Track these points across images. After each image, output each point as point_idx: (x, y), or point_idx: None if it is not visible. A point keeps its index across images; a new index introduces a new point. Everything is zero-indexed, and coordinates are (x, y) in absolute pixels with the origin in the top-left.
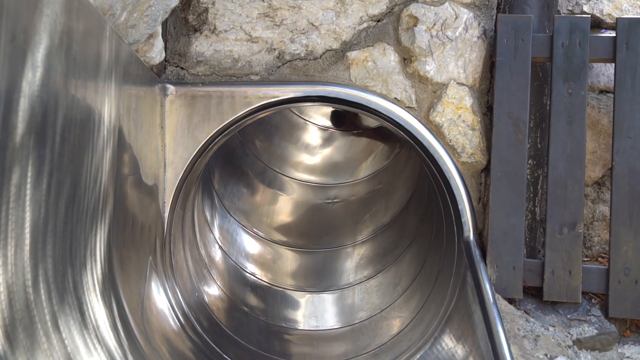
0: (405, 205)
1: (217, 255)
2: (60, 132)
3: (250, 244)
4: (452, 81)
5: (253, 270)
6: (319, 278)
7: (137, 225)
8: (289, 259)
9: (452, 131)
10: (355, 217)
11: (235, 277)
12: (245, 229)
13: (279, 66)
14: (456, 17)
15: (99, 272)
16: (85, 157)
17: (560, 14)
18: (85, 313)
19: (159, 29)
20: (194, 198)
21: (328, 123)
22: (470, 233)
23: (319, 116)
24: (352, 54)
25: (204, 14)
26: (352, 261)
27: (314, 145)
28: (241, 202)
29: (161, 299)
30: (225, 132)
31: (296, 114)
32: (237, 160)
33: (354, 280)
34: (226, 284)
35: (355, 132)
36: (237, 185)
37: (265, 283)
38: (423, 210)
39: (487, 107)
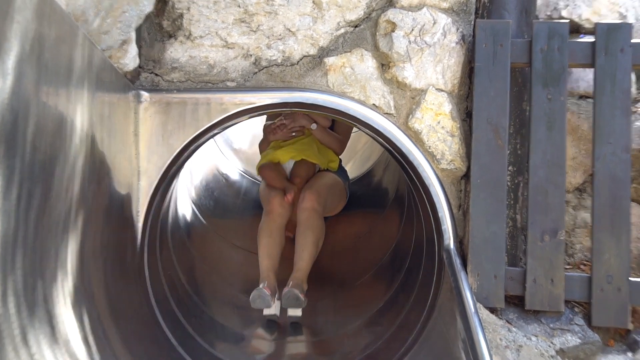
0: (384, 214)
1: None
2: (31, 141)
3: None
4: (431, 87)
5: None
6: None
7: (110, 236)
8: None
9: (432, 137)
10: (334, 226)
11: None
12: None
13: (256, 72)
14: (434, 23)
15: (70, 284)
16: (57, 166)
17: (538, 19)
18: (55, 327)
19: (133, 35)
20: (168, 206)
21: None
22: (450, 241)
23: None
24: (330, 60)
25: (179, 20)
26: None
27: None
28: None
29: (134, 310)
30: (201, 140)
31: None
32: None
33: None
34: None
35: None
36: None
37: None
38: (402, 216)
39: (466, 113)
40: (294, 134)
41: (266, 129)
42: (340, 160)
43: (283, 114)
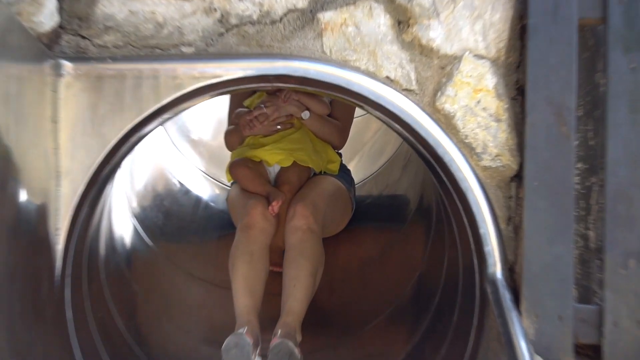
0: (405, 230)
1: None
2: None
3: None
4: (468, 52)
5: None
6: None
7: (18, 263)
8: None
9: (469, 123)
10: (334, 248)
11: None
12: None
13: (222, 33)
14: None
15: None
16: None
17: None
18: None
19: None
20: (99, 222)
21: None
22: (496, 268)
23: None
24: (326, 16)
25: None
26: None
27: None
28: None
29: None
30: (146, 128)
31: None
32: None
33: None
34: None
35: None
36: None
37: None
38: (429, 235)
39: (517, 88)
40: (279, 126)
41: (238, 118)
42: (341, 157)
43: (262, 100)
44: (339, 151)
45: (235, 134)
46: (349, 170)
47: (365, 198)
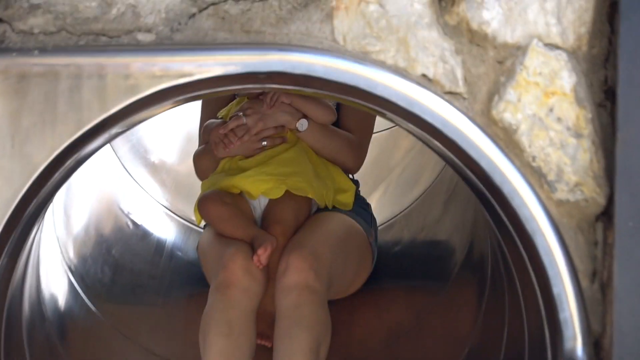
0: (448, 290)
1: None
2: None
3: None
4: (536, 41)
5: None
6: None
7: None
8: None
9: (538, 139)
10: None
11: None
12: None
13: (193, 14)
14: None
15: None
16: None
17: None
18: None
19: None
20: (22, 279)
21: None
22: (576, 343)
23: None
24: None
25: None
26: None
27: None
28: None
29: None
30: (87, 147)
31: None
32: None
33: None
34: None
35: None
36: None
37: None
38: (482, 296)
39: (604, 91)
40: (264, 142)
41: (209, 132)
42: (358, 186)
43: (241, 106)
44: (354, 177)
45: (206, 156)
46: (368, 205)
47: (392, 245)
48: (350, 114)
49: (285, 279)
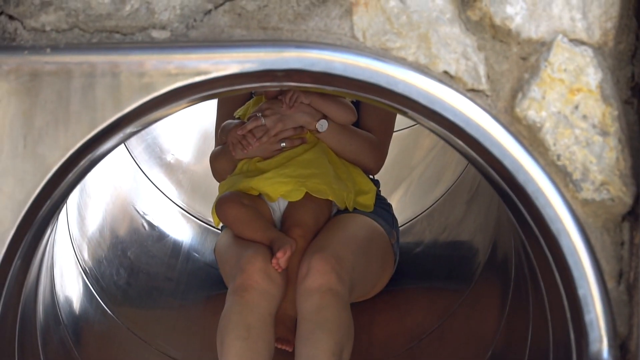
0: (471, 292)
1: None
2: None
3: None
4: (560, 36)
5: None
6: None
7: None
8: None
9: (563, 137)
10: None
11: None
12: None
13: (209, 11)
14: None
15: None
16: None
17: None
18: None
19: None
20: (37, 281)
21: None
22: (602, 345)
23: None
24: None
25: None
26: None
27: None
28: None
29: None
30: (102, 147)
31: None
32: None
33: None
34: None
35: None
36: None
37: None
38: (506, 298)
39: (631, 87)
40: (283, 144)
41: (225, 135)
42: (378, 186)
43: (259, 106)
44: (374, 177)
45: (223, 158)
46: (389, 206)
47: (414, 246)
48: (370, 113)
49: (308, 282)
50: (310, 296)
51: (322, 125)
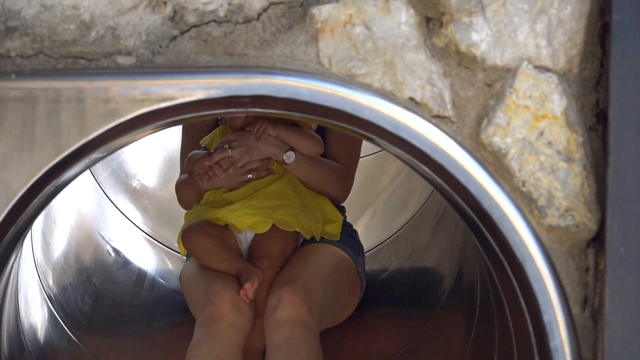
0: (437, 318)
1: None
2: None
3: None
4: (526, 63)
5: None
6: None
7: None
8: None
9: (528, 164)
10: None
11: None
12: None
13: (175, 37)
14: None
15: None
16: None
17: None
18: None
19: None
20: (0, 307)
21: None
22: None
23: None
24: (323, 12)
25: None
26: None
27: None
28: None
29: None
30: (66, 173)
31: None
32: None
33: None
34: None
35: None
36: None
37: None
38: (472, 323)
39: (596, 114)
40: (250, 175)
41: (192, 164)
42: (344, 212)
43: (226, 138)
44: (341, 204)
45: (189, 187)
46: (355, 233)
47: (380, 271)
48: (336, 142)
49: (278, 314)
50: (280, 327)
51: (290, 157)
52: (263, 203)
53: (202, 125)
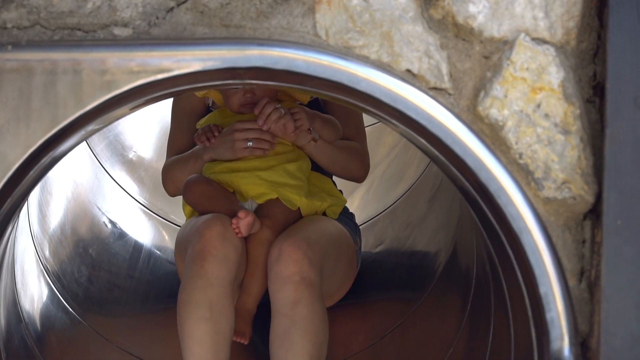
0: (432, 291)
1: None
2: None
3: None
4: (523, 35)
5: None
6: None
7: None
8: None
9: (525, 136)
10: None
11: None
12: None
13: (171, 8)
14: None
15: None
16: None
17: None
18: None
19: None
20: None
21: None
22: (563, 343)
23: None
24: None
25: None
26: None
27: None
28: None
29: None
30: (63, 144)
31: None
32: None
33: None
34: None
35: None
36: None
37: None
38: (468, 296)
39: (593, 86)
40: (250, 143)
41: (232, 132)
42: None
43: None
44: (335, 186)
45: (185, 167)
46: (352, 215)
47: (376, 243)
48: (343, 122)
49: (280, 268)
50: (283, 286)
51: (316, 135)
52: (272, 177)
53: (192, 113)
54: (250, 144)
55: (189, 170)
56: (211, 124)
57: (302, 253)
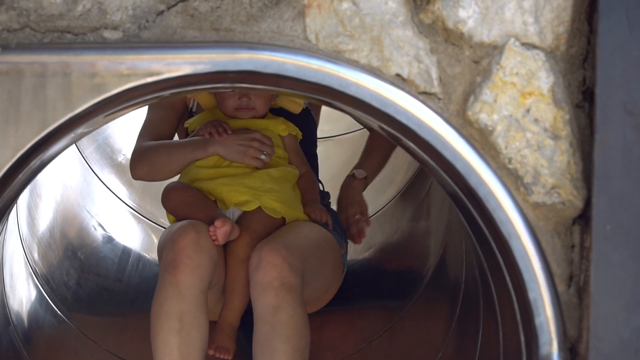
0: (421, 297)
1: None
2: None
3: None
4: (513, 40)
5: None
6: None
7: None
8: None
9: (514, 141)
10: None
11: None
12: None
13: (162, 12)
14: None
15: None
16: None
17: None
18: None
19: None
20: None
21: None
22: (552, 348)
23: None
24: None
25: None
26: None
27: None
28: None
29: None
30: (52, 147)
31: None
32: None
33: None
34: None
35: None
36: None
37: None
38: (456, 300)
39: (582, 92)
40: (263, 156)
41: (250, 139)
42: (329, 198)
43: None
44: (324, 188)
45: (172, 152)
46: (338, 219)
47: (365, 248)
48: (375, 135)
49: (259, 275)
50: (264, 292)
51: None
52: (255, 184)
53: (172, 108)
54: (264, 157)
55: (180, 158)
56: (220, 120)
57: (281, 258)
